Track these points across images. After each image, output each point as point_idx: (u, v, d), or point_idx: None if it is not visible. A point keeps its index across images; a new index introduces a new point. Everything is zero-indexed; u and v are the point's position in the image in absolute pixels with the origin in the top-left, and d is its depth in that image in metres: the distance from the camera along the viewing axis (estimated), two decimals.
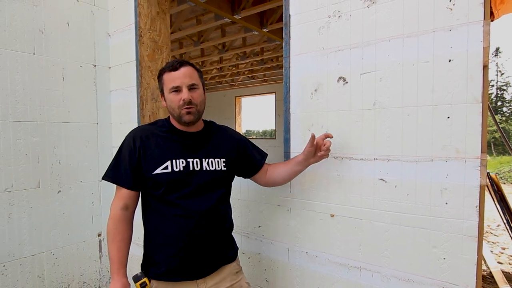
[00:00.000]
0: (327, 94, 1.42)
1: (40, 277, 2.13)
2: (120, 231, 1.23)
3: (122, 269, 1.23)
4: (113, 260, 1.22)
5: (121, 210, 1.24)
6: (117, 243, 1.23)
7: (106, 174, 1.28)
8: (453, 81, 1.12)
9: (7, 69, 1.96)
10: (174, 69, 1.22)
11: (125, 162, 1.24)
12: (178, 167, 1.23)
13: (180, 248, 1.21)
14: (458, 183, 1.12)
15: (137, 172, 1.24)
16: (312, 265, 1.50)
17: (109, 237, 1.24)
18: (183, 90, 1.21)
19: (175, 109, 1.23)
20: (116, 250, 1.22)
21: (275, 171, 1.42)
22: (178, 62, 1.23)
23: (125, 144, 1.27)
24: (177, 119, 1.26)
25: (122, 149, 1.27)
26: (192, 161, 1.25)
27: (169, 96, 1.24)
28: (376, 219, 1.30)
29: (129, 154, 1.23)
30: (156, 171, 1.21)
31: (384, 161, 1.27)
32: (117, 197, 1.26)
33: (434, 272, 1.18)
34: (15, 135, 2.00)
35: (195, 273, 1.24)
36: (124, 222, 1.25)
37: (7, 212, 1.97)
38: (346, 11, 1.34)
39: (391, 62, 1.24)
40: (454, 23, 1.11)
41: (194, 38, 5.66)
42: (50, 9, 2.15)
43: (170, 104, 1.25)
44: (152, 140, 1.26)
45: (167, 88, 1.23)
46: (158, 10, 2.35)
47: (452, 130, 1.13)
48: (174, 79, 1.21)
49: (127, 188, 1.24)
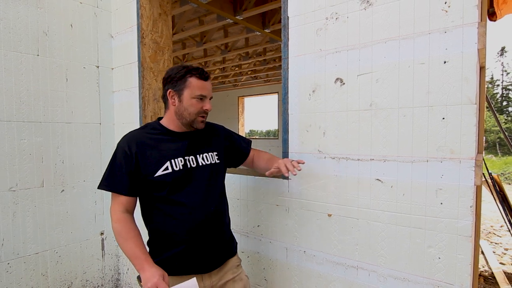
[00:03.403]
0: (324, 95, 1.43)
1: (44, 274, 2.16)
2: (130, 229, 1.22)
3: (149, 258, 1.18)
4: (136, 254, 1.17)
5: (123, 213, 1.24)
6: (132, 239, 1.20)
7: (102, 183, 1.26)
8: (448, 82, 1.13)
9: (11, 71, 2.00)
10: (204, 79, 1.29)
11: (121, 169, 1.23)
12: (177, 166, 1.26)
13: (186, 245, 1.25)
14: (453, 183, 1.13)
15: (135, 177, 1.24)
16: (310, 264, 1.52)
17: (120, 238, 1.21)
18: (207, 101, 1.30)
19: (193, 114, 1.28)
20: (134, 245, 1.19)
21: (258, 163, 1.52)
22: (207, 72, 1.30)
23: (119, 151, 1.26)
24: (189, 122, 1.30)
25: (117, 156, 1.26)
26: (188, 158, 1.30)
27: (191, 101, 1.27)
28: (372, 219, 1.32)
29: (125, 160, 1.23)
30: (157, 174, 1.23)
31: (381, 162, 1.29)
32: (115, 203, 1.25)
33: (429, 271, 1.19)
34: (19, 135, 2.04)
35: (202, 268, 1.28)
36: (130, 221, 1.24)
37: (11, 211, 2.01)
38: (343, 13, 1.36)
39: (387, 63, 1.25)
40: (449, 25, 1.12)
41: (197, 38, 5.70)
42: (53, 11, 2.19)
43: (187, 108, 1.27)
44: (147, 144, 1.27)
45: (193, 93, 1.26)
46: (160, 12, 2.38)
47: (447, 131, 1.14)
48: (203, 88, 1.28)
49: (124, 195, 1.24)
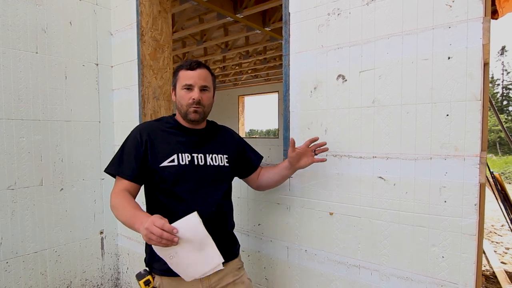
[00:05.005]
0: (326, 92, 1.42)
1: (43, 274, 2.15)
2: (127, 198, 1.17)
3: (143, 213, 1.09)
4: (132, 213, 1.09)
5: (123, 191, 1.21)
6: (128, 205, 1.13)
7: (108, 167, 1.28)
8: (453, 78, 1.11)
9: (10, 68, 1.98)
10: (191, 68, 1.27)
11: (130, 155, 1.25)
12: (184, 161, 1.26)
13: None
14: (457, 181, 1.11)
15: (143, 164, 1.25)
16: (311, 263, 1.50)
17: (118, 208, 1.15)
18: (195, 90, 1.27)
19: (183, 105, 1.28)
20: (130, 207, 1.12)
21: (266, 174, 1.47)
22: (196, 63, 1.29)
23: (130, 138, 1.29)
24: (183, 115, 1.31)
25: (127, 142, 1.29)
26: (197, 155, 1.30)
27: (180, 92, 1.29)
28: (375, 217, 1.30)
29: (135, 146, 1.26)
30: (163, 164, 1.24)
31: (383, 159, 1.27)
32: (117, 186, 1.24)
33: (433, 270, 1.17)
34: (18, 133, 2.02)
35: None
36: (129, 196, 1.19)
37: (10, 210, 1.99)
38: (345, 8, 1.34)
39: (390, 59, 1.24)
40: (453, 20, 1.10)
41: (197, 37, 5.68)
42: (52, 8, 2.17)
43: (179, 100, 1.30)
44: (158, 134, 1.30)
45: (180, 84, 1.28)
46: (160, 9, 2.36)
47: (451, 128, 1.12)
48: (189, 77, 1.27)
49: (129, 180, 1.24)
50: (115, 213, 1.18)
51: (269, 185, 1.47)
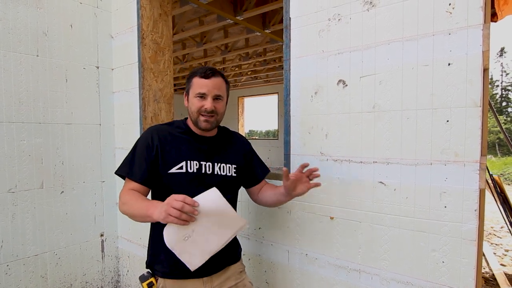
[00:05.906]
0: (327, 97, 1.42)
1: (43, 276, 2.15)
2: (138, 194, 1.20)
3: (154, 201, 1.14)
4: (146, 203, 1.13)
5: (132, 190, 1.23)
6: (140, 198, 1.17)
7: (119, 169, 1.29)
8: (453, 84, 1.12)
9: (11, 71, 1.99)
10: (206, 77, 1.26)
11: (141, 158, 1.25)
12: (192, 169, 1.26)
13: None
14: (457, 186, 1.12)
15: (153, 168, 1.25)
16: (312, 267, 1.51)
17: (128, 202, 1.17)
18: (208, 99, 1.26)
19: (194, 113, 1.28)
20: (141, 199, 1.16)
21: (265, 192, 1.42)
22: (211, 71, 1.27)
23: (141, 140, 1.29)
24: (194, 122, 1.30)
25: (138, 145, 1.29)
26: (205, 164, 1.29)
27: (193, 100, 1.28)
28: (375, 222, 1.31)
29: (146, 149, 1.26)
30: (171, 170, 1.25)
31: (384, 164, 1.28)
32: (126, 186, 1.25)
33: (433, 275, 1.18)
34: (18, 136, 2.02)
35: (201, 272, 1.26)
36: (139, 193, 1.22)
37: (10, 213, 2.00)
38: (346, 14, 1.35)
39: (390, 65, 1.24)
40: (453, 27, 1.11)
41: (197, 39, 5.68)
42: (53, 11, 2.17)
43: (191, 107, 1.29)
44: (168, 139, 1.30)
45: (194, 92, 1.27)
46: (161, 12, 2.37)
47: (451, 134, 1.13)
48: (203, 86, 1.25)
49: (139, 183, 1.24)
50: (125, 208, 1.19)
51: (266, 204, 1.43)
